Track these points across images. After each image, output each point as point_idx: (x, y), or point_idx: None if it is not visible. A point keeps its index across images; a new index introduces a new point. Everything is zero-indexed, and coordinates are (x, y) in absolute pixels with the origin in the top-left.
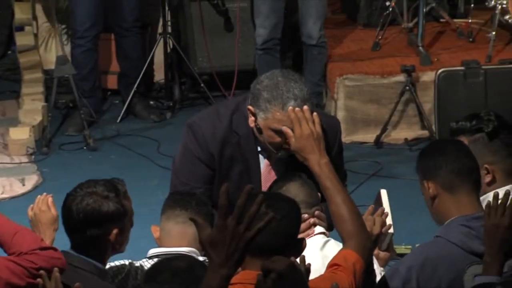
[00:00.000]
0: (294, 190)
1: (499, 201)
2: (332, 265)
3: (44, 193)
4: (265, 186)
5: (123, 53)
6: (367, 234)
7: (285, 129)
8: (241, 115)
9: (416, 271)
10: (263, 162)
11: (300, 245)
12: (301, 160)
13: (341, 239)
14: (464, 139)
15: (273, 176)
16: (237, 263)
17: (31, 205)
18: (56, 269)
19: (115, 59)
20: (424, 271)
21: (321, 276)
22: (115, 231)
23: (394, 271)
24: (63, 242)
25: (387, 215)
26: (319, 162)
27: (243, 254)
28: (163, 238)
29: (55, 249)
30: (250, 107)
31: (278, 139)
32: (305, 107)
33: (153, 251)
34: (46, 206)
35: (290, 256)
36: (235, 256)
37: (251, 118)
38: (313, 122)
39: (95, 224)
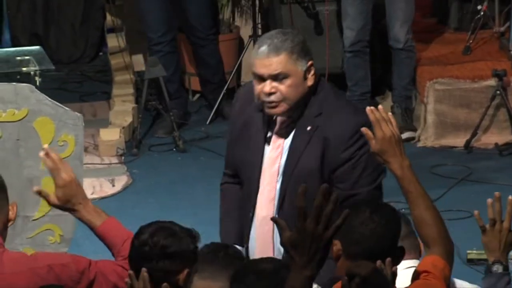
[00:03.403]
0: None
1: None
2: (422, 272)
3: None
4: (267, 166)
5: (201, 61)
6: (451, 239)
7: (365, 130)
8: None
9: None
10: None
11: (401, 253)
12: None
13: (424, 244)
14: None
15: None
16: (319, 264)
17: None
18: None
19: None
20: None
21: (415, 283)
22: (186, 271)
23: None
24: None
25: None
26: (401, 165)
27: (325, 254)
28: None
29: None
30: None
31: (257, 86)
32: (380, 106)
33: None
34: None
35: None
36: (316, 256)
37: None
38: (391, 123)
39: (169, 257)
